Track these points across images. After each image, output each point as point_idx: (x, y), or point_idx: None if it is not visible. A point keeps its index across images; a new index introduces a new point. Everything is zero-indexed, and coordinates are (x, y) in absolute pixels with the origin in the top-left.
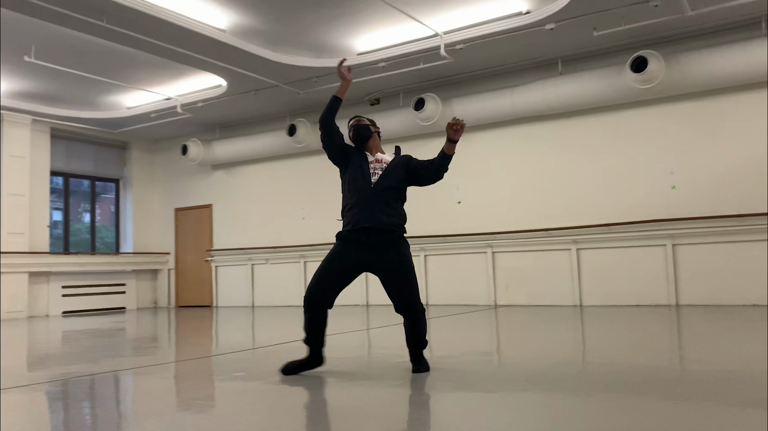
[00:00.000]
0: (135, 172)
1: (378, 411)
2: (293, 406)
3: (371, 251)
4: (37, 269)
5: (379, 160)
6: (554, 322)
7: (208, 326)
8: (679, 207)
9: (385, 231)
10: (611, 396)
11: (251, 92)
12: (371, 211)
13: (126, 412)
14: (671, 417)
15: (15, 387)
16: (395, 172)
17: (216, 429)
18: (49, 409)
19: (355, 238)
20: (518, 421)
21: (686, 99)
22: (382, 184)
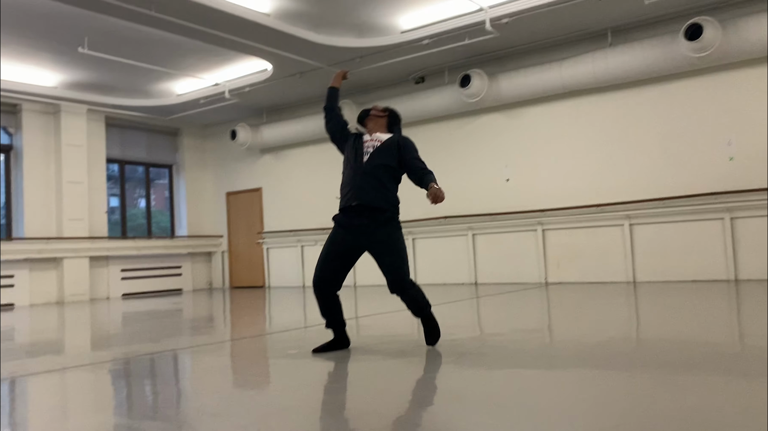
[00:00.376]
0: (187, 158)
1: (428, 389)
2: (343, 382)
3: (362, 231)
4: (97, 253)
5: (374, 139)
6: (606, 299)
7: (262, 306)
8: (738, 179)
9: (374, 210)
10: (665, 372)
11: (296, 75)
12: (361, 189)
13: (185, 389)
14: (728, 392)
15: (81, 366)
16: (388, 150)
17: (270, 404)
18: (113, 386)
19: (347, 220)
20: (570, 398)
21: (743, 66)
22: (373, 161)
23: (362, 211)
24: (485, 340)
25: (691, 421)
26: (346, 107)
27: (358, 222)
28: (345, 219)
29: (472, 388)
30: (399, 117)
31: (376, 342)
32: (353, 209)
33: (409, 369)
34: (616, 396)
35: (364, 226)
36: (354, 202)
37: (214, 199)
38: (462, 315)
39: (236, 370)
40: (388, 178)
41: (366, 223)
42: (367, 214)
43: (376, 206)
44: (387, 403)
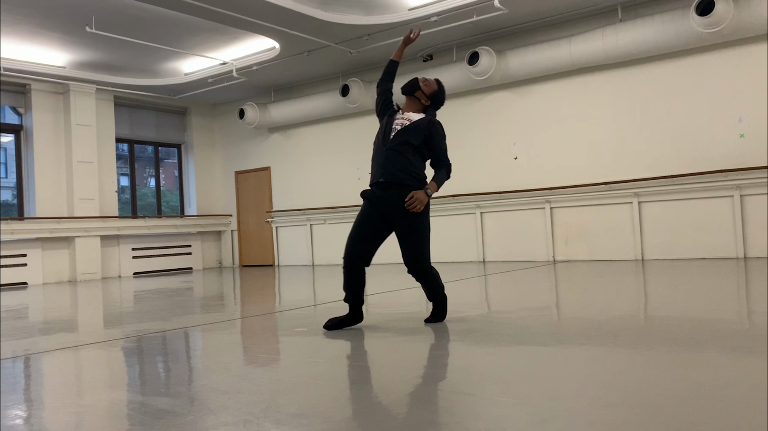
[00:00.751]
0: (195, 137)
1: (432, 363)
2: (351, 359)
3: (390, 206)
4: (108, 233)
5: (405, 118)
6: (615, 277)
7: (271, 284)
8: (748, 156)
9: (402, 185)
10: (673, 349)
11: (304, 53)
12: (386, 166)
13: (196, 366)
14: (734, 369)
15: (94, 343)
16: (416, 131)
17: (280, 380)
18: (126, 363)
19: (374, 196)
20: (576, 374)
21: (755, 42)
22: (400, 138)
23: (389, 187)
24: (493, 318)
25: (696, 398)
26: (354, 86)
27: (386, 196)
28: (374, 194)
29: (479, 365)
30: (441, 104)
31: (384, 320)
32: (381, 185)
33: (416, 345)
34: (622, 373)
35: (390, 200)
36: (381, 178)
37: (223, 178)
38: (470, 293)
39: (246, 348)
40: (413, 155)
41: (393, 198)
42: (393, 189)
43: (403, 183)
44: (394, 379)
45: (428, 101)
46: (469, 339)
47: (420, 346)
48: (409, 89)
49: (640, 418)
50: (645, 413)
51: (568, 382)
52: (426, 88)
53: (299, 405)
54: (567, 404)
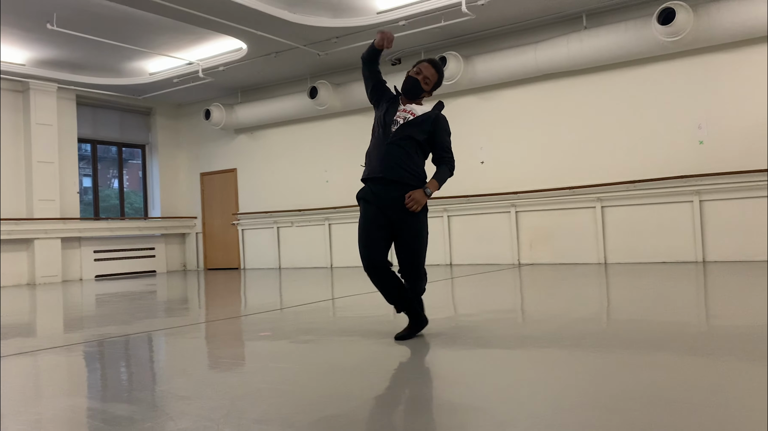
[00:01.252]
0: (160, 138)
1: (396, 368)
2: (316, 364)
3: (388, 204)
4: (69, 234)
5: (407, 110)
6: (578, 280)
7: (236, 288)
8: (707, 162)
9: (400, 184)
10: (633, 352)
11: (271, 55)
12: (386, 161)
13: (158, 371)
14: (692, 371)
15: (53, 348)
16: (421, 126)
17: (242, 385)
18: (86, 369)
19: (371, 193)
20: (539, 376)
21: (714, 51)
22: (402, 133)
23: (387, 184)
24: (459, 321)
25: (656, 399)
26: (322, 88)
27: (383, 194)
28: (371, 192)
29: (442, 369)
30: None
31: (350, 324)
32: (379, 181)
33: (381, 349)
34: (584, 375)
35: (388, 198)
36: (379, 173)
37: (188, 180)
38: (436, 297)
39: (209, 352)
40: (415, 151)
41: (391, 196)
42: (391, 187)
43: (403, 180)
44: (358, 384)
45: (430, 95)
46: (434, 342)
47: (385, 350)
48: (412, 90)
49: (600, 420)
50: (604, 415)
51: (530, 385)
52: (427, 86)
53: (262, 411)
54: (527, 407)
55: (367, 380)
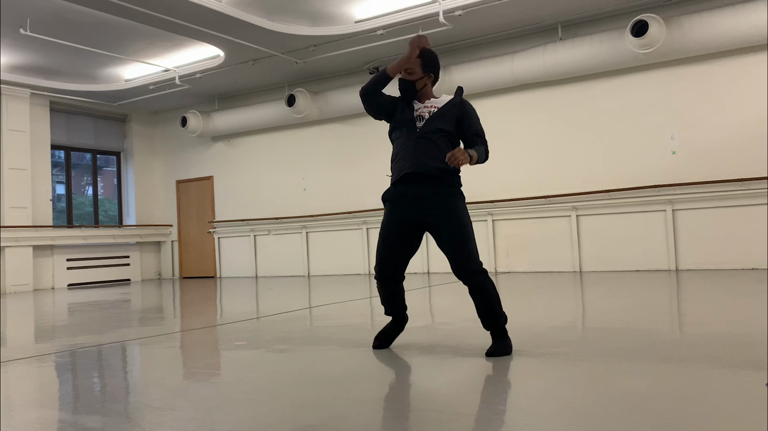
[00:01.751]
0: (136, 145)
1: (372, 377)
2: (292, 374)
3: (419, 203)
4: (40, 242)
5: (428, 105)
6: (554, 288)
7: (212, 297)
8: (679, 172)
9: (434, 179)
10: (608, 359)
11: (249, 62)
12: (416, 156)
13: (133, 381)
14: (666, 378)
15: (23, 359)
16: (448, 114)
17: (217, 395)
18: (58, 379)
19: (400, 192)
20: (513, 385)
21: (687, 63)
22: (430, 126)
23: (417, 180)
24: (436, 329)
25: (629, 407)
26: (300, 96)
27: (413, 192)
28: (398, 193)
29: (417, 378)
30: (437, 64)
31: (328, 333)
32: (407, 178)
33: (357, 359)
34: (558, 383)
35: (420, 196)
36: (408, 169)
37: (164, 187)
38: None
39: (184, 362)
40: (446, 143)
41: (423, 193)
42: (423, 183)
43: (433, 174)
44: (333, 394)
45: (429, 76)
46: (410, 351)
47: (361, 359)
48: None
49: (575, 428)
50: (580, 423)
51: (506, 393)
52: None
53: (235, 422)
54: (502, 416)
55: (343, 389)
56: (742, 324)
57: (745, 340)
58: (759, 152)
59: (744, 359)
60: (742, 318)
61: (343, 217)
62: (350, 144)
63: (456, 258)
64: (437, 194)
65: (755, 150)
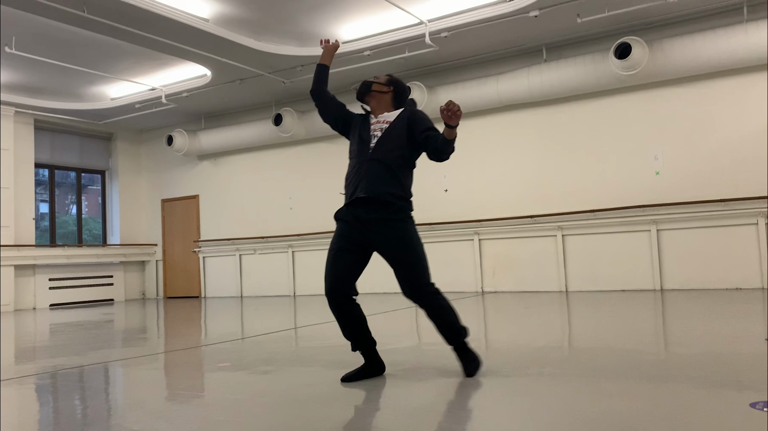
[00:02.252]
0: (121, 163)
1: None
2: (275, 395)
3: (370, 227)
4: (23, 262)
5: (381, 120)
6: (540, 308)
7: (197, 317)
8: (664, 192)
9: (385, 204)
10: (593, 380)
11: (236, 82)
12: (368, 180)
13: (114, 404)
14: (651, 398)
15: (3, 381)
16: (396, 132)
17: (200, 418)
18: (38, 401)
19: (352, 214)
20: (498, 405)
21: (670, 85)
22: (381, 148)
23: (369, 204)
24: (422, 350)
25: (614, 426)
26: (287, 115)
27: (365, 217)
28: (350, 215)
29: (405, 397)
30: (406, 88)
31: (312, 354)
32: (359, 201)
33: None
34: (544, 403)
35: (372, 221)
36: (361, 193)
37: (149, 206)
38: (401, 325)
39: (168, 384)
40: (400, 166)
41: (375, 218)
42: (374, 207)
43: (384, 200)
44: (317, 416)
45: (390, 88)
46: (396, 372)
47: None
48: (365, 90)
49: None
50: None
51: (490, 414)
52: (378, 79)
53: None
54: None
55: (327, 411)
56: (727, 344)
57: (729, 360)
58: (742, 173)
59: (728, 379)
60: (727, 338)
61: (329, 236)
62: (337, 163)
63: (408, 282)
64: (389, 219)
65: (739, 170)
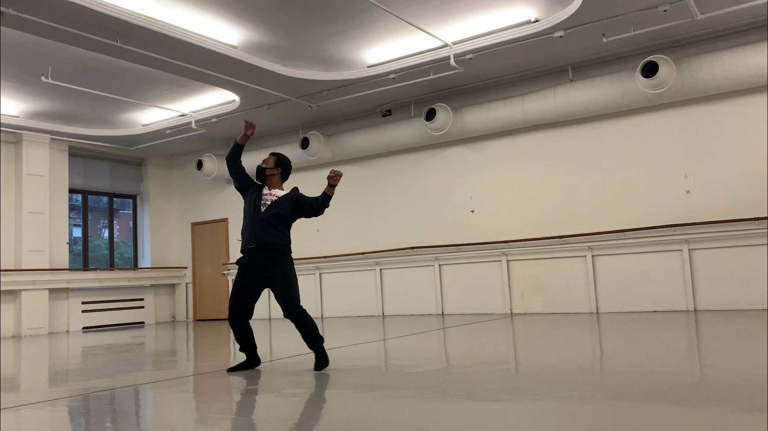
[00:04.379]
0: (152, 188)
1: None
2: (303, 418)
3: (260, 268)
4: (57, 286)
5: (272, 194)
6: (570, 330)
7: (226, 339)
8: (695, 211)
9: (269, 250)
10: (625, 403)
11: (264, 106)
12: (258, 234)
13: (145, 426)
14: (685, 423)
15: (36, 403)
16: (283, 203)
17: None
18: (71, 424)
19: (247, 261)
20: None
21: (698, 102)
22: (269, 212)
23: (259, 251)
24: (451, 372)
25: None
26: (314, 139)
27: (257, 260)
28: (246, 259)
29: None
30: (288, 162)
31: (340, 376)
32: (252, 250)
33: (371, 401)
34: (577, 427)
35: (262, 263)
36: (252, 244)
37: (179, 230)
38: (428, 347)
39: (197, 407)
40: (281, 224)
41: (263, 261)
42: (263, 253)
43: (270, 247)
44: None
45: (278, 169)
46: (425, 395)
47: (374, 403)
48: (261, 176)
49: None
50: None
51: None
52: (267, 164)
53: None
54: None
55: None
56: (764, 367)
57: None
58: None
59: (763, 401)
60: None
61: (356, 258)
62: (363, 185)
63: (286, 304)
64: (275, 260)
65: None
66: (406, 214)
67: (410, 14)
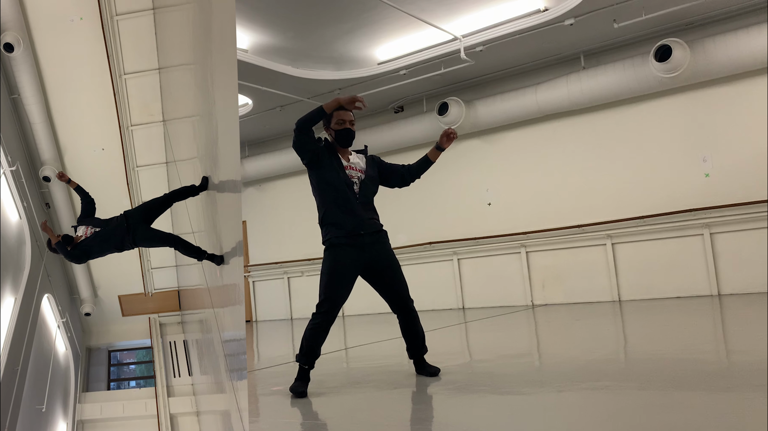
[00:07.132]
0: None
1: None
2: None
3: (366, 252)
4: None
5: (354, 167)
6: (593, 319)
7: (249, 340)
8: (714, 194)
9: (375, 233)
10: (651, 393)
11: (276, 108)
12: (362, 219)
13: None
14: (712, 409)
15: None
16: (373, 179)
17: None
18: None
19: (350, 244)
20: (556, 421)
21: (713, 84)
22: (367, 192)
23: (373, 234)
24: (474, 367)
25: None
26: None
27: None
28: (348, 241)
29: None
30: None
31: (363, 374)
32: (362, 235)
33: (395, 400)
34: (602, 417)
35: (368, 243)
36: (360, 230)
37: None
38: (450, 342)
39: None
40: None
41: (376, 240)
42: (373, 235)
43: (381, 228)
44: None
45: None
46: (449, 390)
47: (399, 400)
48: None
49: None
50: None
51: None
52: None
53: None
54: None
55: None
56: None
57: None
58: None
59: None
60: None
61: None
62: None
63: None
64: (380, 242)
65: None
66: (422, 209)
67: (418, 9)
